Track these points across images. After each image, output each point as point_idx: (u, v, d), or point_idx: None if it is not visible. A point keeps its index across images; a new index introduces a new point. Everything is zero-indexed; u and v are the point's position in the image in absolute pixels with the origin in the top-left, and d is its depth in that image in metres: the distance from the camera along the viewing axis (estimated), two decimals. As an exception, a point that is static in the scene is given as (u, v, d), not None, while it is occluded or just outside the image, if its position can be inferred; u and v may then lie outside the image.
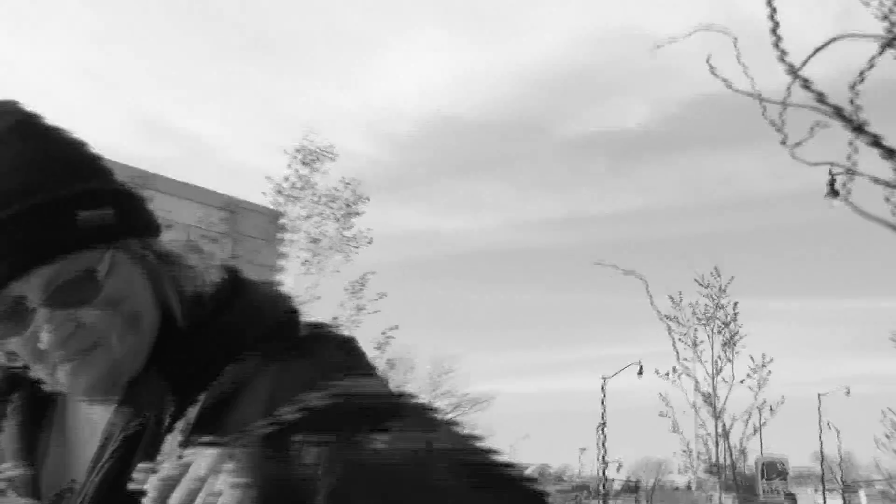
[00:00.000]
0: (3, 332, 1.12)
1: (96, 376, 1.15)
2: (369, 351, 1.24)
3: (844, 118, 9.39)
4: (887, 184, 10.22)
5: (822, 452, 48.04)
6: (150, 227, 1.20)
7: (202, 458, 0.95)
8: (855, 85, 9.19)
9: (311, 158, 16.39)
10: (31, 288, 1.09)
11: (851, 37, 9.72)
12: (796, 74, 9.19)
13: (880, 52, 8.69)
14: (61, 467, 1.20)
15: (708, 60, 9.50)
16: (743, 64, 9.81)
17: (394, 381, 1.23)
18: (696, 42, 10.80)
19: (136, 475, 1.01)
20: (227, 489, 0.92)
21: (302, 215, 15.88)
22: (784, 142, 9.71)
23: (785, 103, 9.53)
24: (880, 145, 9.64)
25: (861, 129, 9.47)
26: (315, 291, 15.87)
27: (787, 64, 9.29)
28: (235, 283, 1.24)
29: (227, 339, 1.19)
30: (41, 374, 1.16)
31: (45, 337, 1.10)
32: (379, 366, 1.22)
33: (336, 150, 17.20)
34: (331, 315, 15.26)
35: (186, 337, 1.20)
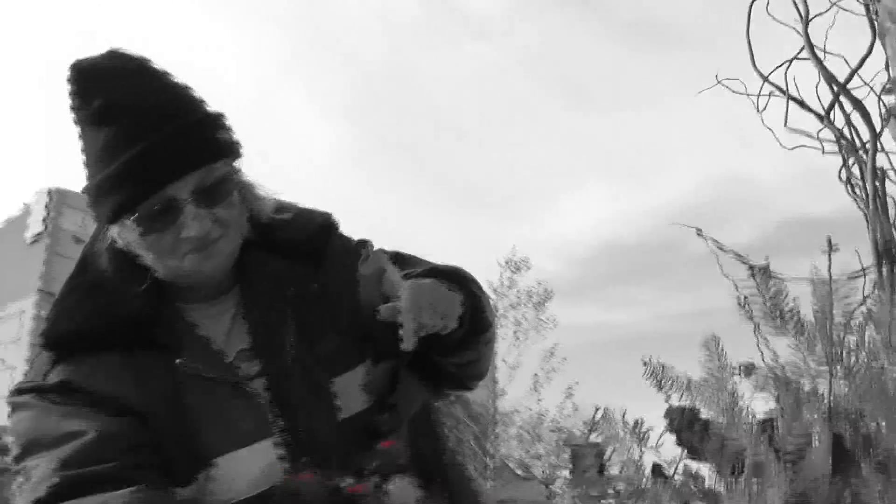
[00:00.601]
0: (156, 227, 1.36)
1: (219, 262, 1.42)
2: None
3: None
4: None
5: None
6: (239, 154, 1.47)
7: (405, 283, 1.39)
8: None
9: (515, 267, 22.70)
10: (183, 189, 1.35)
11: None
12: None
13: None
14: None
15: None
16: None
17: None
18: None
19: (380, 310, 1.40)
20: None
21: (510, 305, 22.12)
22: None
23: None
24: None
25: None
26: (520, 358, 21.89)
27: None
28: (281, 207, 1.55)
29: (292, 239, 1.53)
30: (169, 265, 1.40)
31: (192, 228, 1.36)
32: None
33: (531, 263, 23.45)
34: (531, 374, 21.92)
35: (256, 242, 1.50)
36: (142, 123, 1.35)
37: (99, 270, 1.48)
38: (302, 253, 1.54)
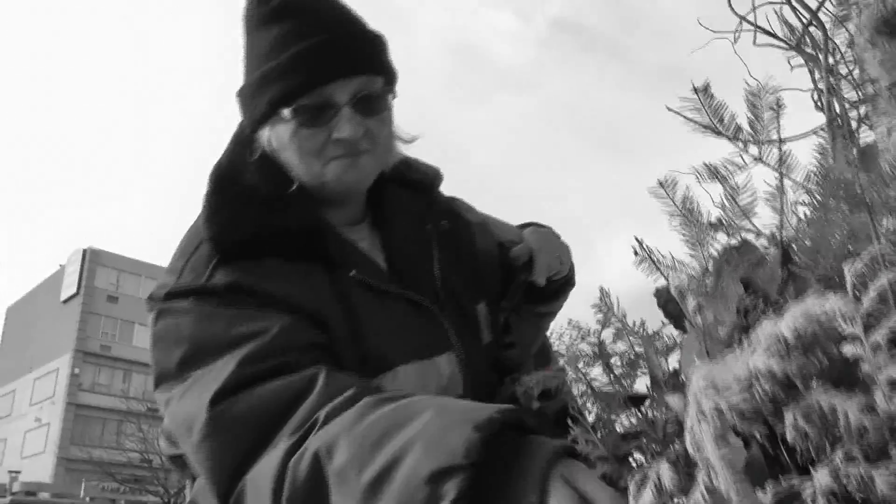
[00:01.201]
0: (311, 122, 1.43)
1: (362, 175, 1.50)
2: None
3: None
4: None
5: None
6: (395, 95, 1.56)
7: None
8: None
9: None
10: (343, 91, 1.43)
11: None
12: None
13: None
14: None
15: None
16: None
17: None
18: None
19: (515, 250, 1.61)
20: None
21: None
22: None
23: None
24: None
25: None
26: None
27: None
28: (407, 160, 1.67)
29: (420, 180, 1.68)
30: (312, 169, 1.46)
31: (345, 130, 1.42)
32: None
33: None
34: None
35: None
36: (319, 20, 1.46)
37: (246, 185, 1.50)
38: (424, 192, 1.69)
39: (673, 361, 0.91)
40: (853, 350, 0.68)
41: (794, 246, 0.85)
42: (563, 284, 1.75)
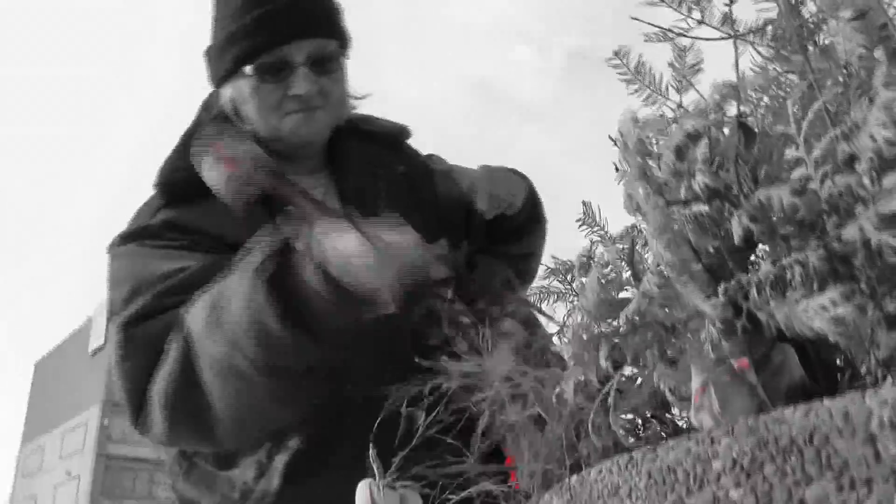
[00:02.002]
0: (269, 79, 1.61)
1: (316, 129, 1.67)
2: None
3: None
4: None
5: None
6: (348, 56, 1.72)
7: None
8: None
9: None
10: (299, 53, 1.60)
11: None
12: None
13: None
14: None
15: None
16: None
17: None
18: None
19: (462, 180, 1.78)
20: None
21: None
22: None
23: None
24: None
25: None
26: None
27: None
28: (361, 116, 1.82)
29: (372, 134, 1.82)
30: (270, 122, 1.64)
31: (300, 87, 1.60)
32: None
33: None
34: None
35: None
36: None
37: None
38: (385, 144, 1.84)
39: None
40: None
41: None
42: (525, 221, 1.83)
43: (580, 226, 1.10)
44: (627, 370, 0.77)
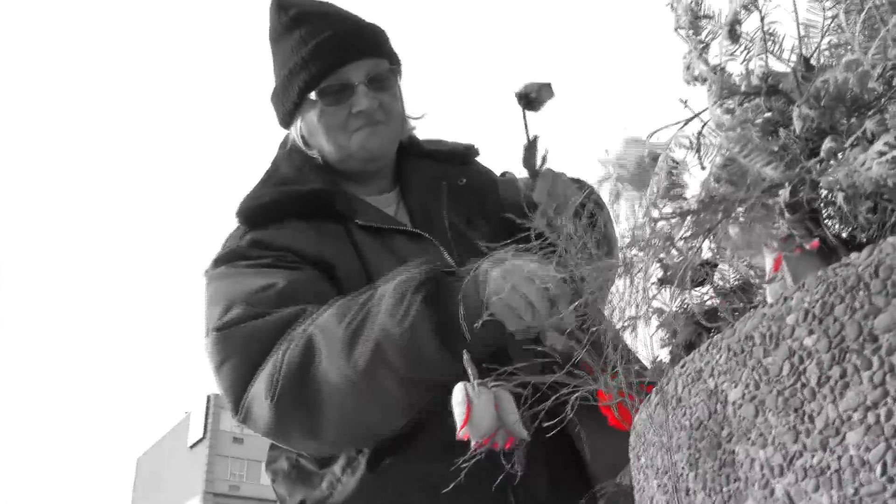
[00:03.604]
0: (333, 100, 1.75)
1: (381, 142, 1.79)
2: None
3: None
4: None
5: None
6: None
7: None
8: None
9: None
10: (357, 73, 1.75)
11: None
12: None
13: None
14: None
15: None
16: None
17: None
18: None
19: (523, 182, 1.74)
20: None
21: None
22: None
23: None
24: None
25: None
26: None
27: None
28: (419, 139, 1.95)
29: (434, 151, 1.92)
30: (339, 141, 1.77)
31: (362, 104, 1.73)
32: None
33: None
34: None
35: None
36: (327, 20, 1.79)
37: (281, 173, 1.85)
38: (450, 161, 1.93)
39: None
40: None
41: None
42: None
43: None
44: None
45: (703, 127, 0.79)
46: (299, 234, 1.70)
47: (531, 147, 1.69)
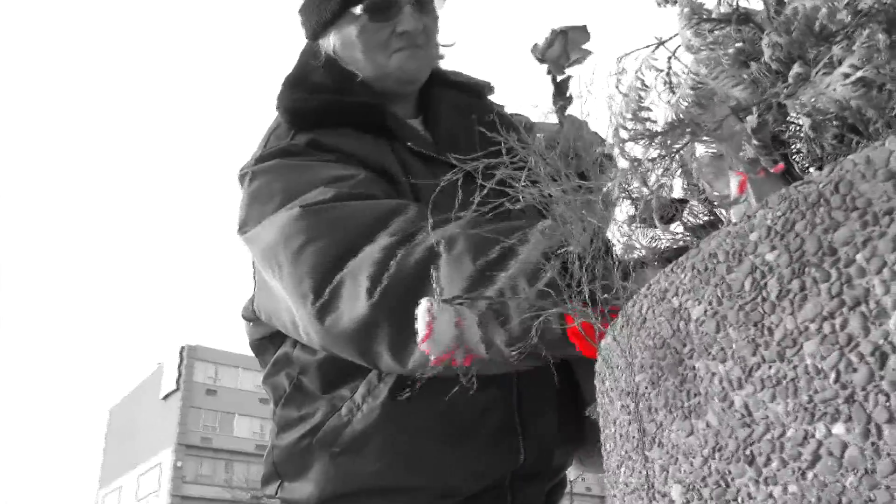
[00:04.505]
0: (378, 17, 1.67)
1: (420, 65, 1.73)
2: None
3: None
4: None
5: None
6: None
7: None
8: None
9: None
10: None
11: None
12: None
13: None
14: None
15: None
16: None
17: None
18: None
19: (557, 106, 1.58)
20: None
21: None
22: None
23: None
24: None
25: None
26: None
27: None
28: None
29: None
30: (378, 61, 1.70)
31: (408, 24, 1.66)
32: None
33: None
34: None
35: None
36: None
37: (315, 81, 1.75)
38: (472, 94, 1.88)
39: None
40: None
41: None
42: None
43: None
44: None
45: (674, 52, 0.80)
46: (356, 141, 1.60)
47: (562, 85, 1.62)
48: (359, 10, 1.66)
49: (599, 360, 0.99)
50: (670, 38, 0.80)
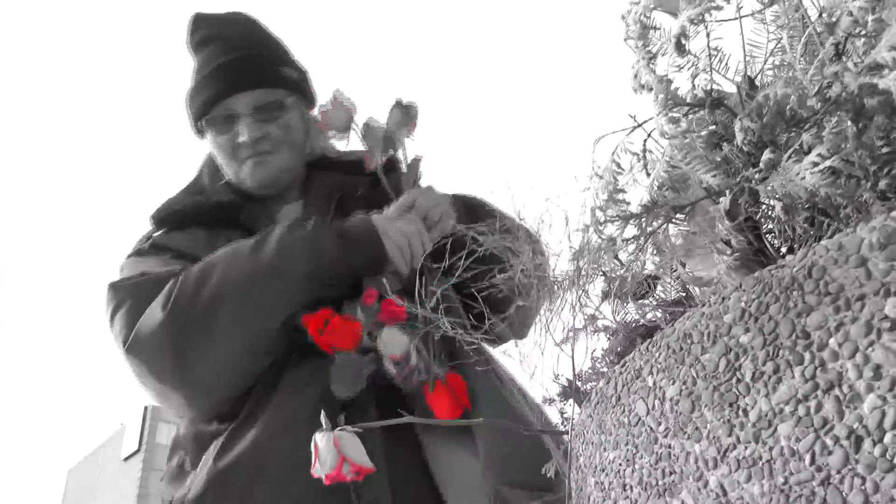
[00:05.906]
0: (220, 130, 1.81)
1: (267, 174, 1.83)
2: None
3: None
4: None
5: None
6: (312, 101, 1.91)
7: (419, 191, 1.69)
8: None
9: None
10: (242, 103, 1.79)
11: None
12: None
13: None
14: None
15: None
16: None
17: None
18: None
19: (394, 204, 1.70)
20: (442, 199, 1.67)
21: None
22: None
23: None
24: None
25: None
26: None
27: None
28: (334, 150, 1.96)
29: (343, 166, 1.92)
30: (232, 168, 1.85)
31: (243, 134, 1.78)
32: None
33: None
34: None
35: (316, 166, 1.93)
36: (225, 46, 1.83)
37: (200, 183, 1.96)
38: (348, 170, 1.93)
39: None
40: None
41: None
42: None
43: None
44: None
45: (648, 135, 0.82)
46: (198, 241, 1.77)
47: (412, 166, 1.79)
48: (203, 124, 1.85)
49: (573, 436, 1.00)
50: (646, 121, 0.82)
